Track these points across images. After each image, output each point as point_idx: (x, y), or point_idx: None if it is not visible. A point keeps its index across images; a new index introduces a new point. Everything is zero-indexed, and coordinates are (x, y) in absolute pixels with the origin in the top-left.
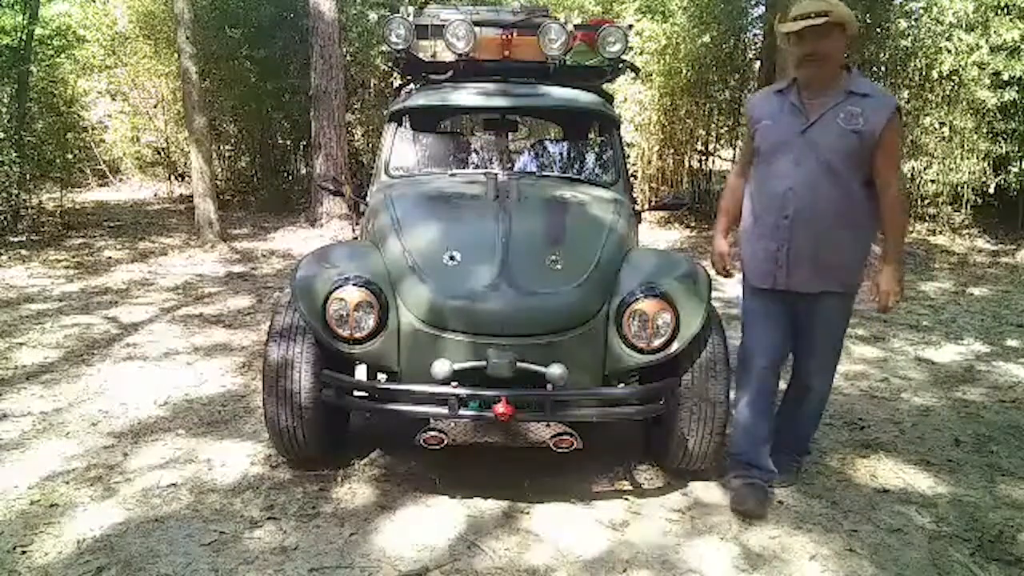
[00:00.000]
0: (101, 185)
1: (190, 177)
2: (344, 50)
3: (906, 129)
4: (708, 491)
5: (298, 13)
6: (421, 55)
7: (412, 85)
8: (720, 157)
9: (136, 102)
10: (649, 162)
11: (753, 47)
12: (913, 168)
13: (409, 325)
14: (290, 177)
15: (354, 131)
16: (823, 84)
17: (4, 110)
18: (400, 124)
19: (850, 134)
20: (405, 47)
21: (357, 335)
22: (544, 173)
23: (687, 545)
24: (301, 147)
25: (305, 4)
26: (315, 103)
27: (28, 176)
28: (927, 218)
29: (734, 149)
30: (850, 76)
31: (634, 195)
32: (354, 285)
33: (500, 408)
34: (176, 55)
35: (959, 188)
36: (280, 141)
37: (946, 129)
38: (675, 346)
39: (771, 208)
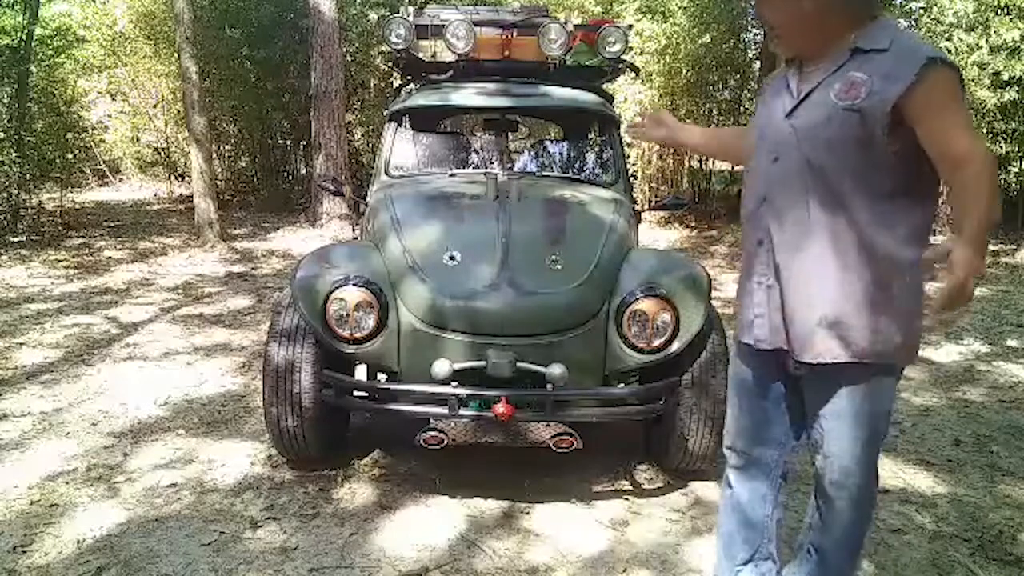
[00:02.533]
0: (101, 185)
1: (190, 177)
2: (344, 50)
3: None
4: (708, 491)
5: (298, 13)
6: (421, 55)
7: (412, 85)
8: None
9: (136, 102)
10: (649, 162)
11: (753, 47)
12: None
13: (409, 325)
14: (290, 177)
15: (354, 131)
16: (814, 53)
17: (4, 110)
18: (400, 124)
19: (845, 114)
20: (405, 47)
21: (357, 335)
22: (544, 173)
23: (687, 545)
24: (301, 147)
25: (305, 4)
26: (315, 103)
27: (28, 176)
28: None
29: None
30: (864, 29)
31: (634, 195)
32: (354, 285)
33: (500, 408)
34: (176, 55)
35: None
36: (280, 141)
37: None
38: (675, 346)
39: (749, 227)
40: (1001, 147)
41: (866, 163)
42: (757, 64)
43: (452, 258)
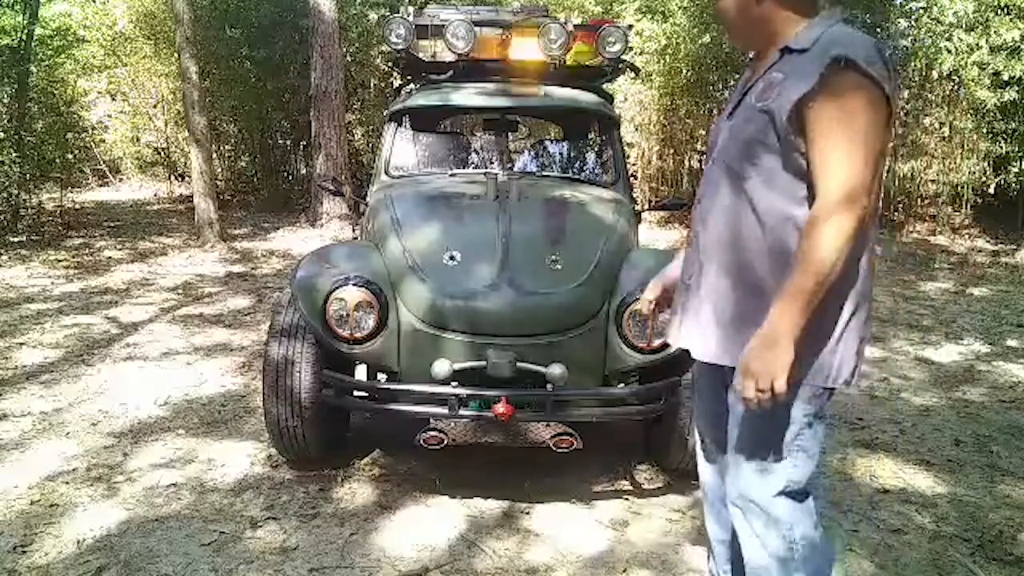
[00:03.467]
0: (101, 185)
1: (190, 177)
2: (344, 50)
3: (903, 122)
4: None
5: (298, 13)
6: (421, 55)
7: (412, 85)
8: None
9: (136, 102)
10: (649, 162)
11: None
12: (913, 168)
13: (409, 325)
14: (290, 177)
15: (354, 131)
16: (759, 47)
17: (4, 110)
18: (400, 124)
19: (758, 116)
20: (405, 47)
21: (357, 335)
22: (544, 173)
23: (687, 545)
24: (301, 147)
25: (305, 4)
26: (315, 103)
27: (28, 176)
28: (927, 218)
29: None
30: (808, 25)
31: (634, 195)
32: (354, 285)
33: (500, 408)
34: (176, 55)
35: (959, 188)
36: (280, 141)
37: (946, 129)
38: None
39: (691, 228)
40: (1001, 147)
41: (776, 167)
42: None
43: (452, 258)
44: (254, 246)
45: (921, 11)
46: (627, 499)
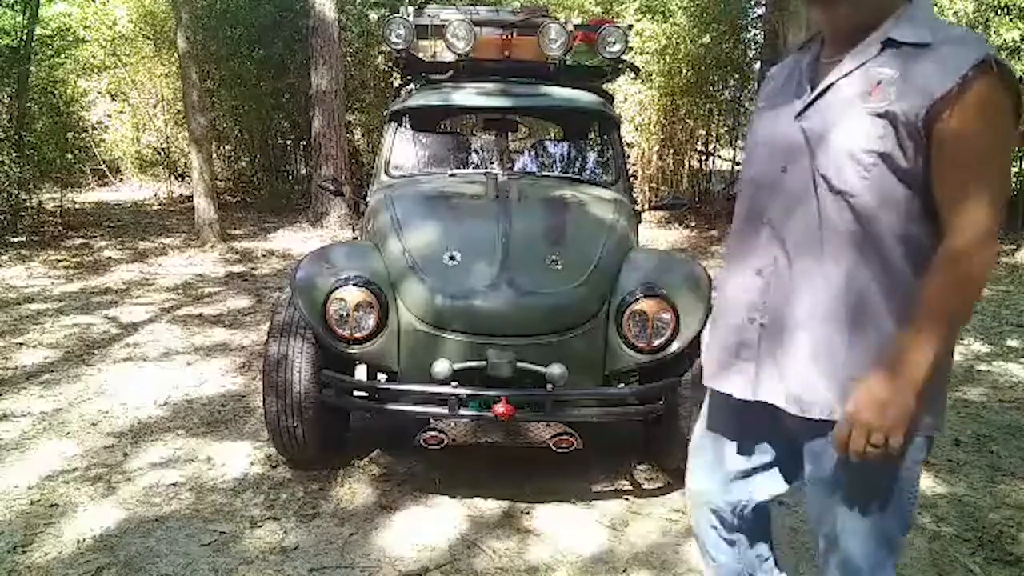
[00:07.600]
0: (101, 185)
1: (190, 177)
2: (344, 50)
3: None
4: None
5: (298, 13)
6: (421, 55)
7: (412, 85)
8: (720, 157)
9: (136, 102)
10: (649, 162)
11: (753, 47)
12: None
13: (409, 325)
14: (290, 177)
15: (354, 131)
16: (850, 28)
17: (4, 110)
18: (400, 124)
19: (870, 120)
20: (405, 47)
21: (357, 335)
22: (544, 173)
23: (687, 545)
24: (301, 147)
25: (305, 4)
26: (315, 103)
27: (28, 176)
28: None
29: (734, 149)
30: (902, 12)
31: (634, 195)
32: (354, 285)
33: (500, 408)
34: (176, 55)
35: None
36: (280, 141)
37: None
38: (675, 346)
39: (745, 249)
40: None
41: (894, 178)
42: (757, 64)
43: (452, 258)
44: (254, 246)
45: None
46: (627, 499)
